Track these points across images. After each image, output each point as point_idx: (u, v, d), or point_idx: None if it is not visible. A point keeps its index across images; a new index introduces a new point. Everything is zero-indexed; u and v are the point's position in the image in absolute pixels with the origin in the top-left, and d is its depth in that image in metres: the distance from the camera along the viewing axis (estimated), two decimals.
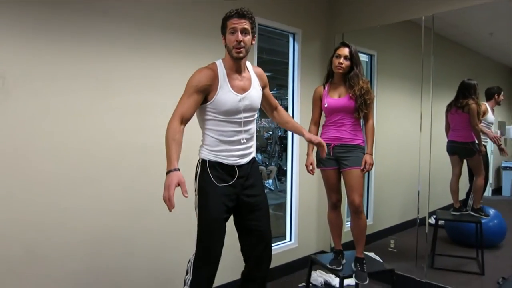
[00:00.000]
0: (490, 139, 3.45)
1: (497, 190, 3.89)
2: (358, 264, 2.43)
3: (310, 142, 2.21)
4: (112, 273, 2.47)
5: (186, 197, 1.63)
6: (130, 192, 2.53)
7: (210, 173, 1.85)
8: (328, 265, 2.47)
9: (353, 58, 2.41)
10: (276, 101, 2.24)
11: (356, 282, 2.81)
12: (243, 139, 1.90)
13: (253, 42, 1.90)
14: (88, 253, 2.36)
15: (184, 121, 1.79)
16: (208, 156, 1.88)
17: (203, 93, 1.81)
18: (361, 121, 2.53)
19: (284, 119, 2.25)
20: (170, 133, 1.75)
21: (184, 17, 2.74)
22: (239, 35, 1.79)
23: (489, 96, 3.50)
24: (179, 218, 2.65)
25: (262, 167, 6.60)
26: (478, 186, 3.48)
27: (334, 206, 2.56)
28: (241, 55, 1.83)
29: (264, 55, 6.21)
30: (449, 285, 3.05)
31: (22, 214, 2.11)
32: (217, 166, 1.87)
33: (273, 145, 7.23)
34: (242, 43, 1.80)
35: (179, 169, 1.68)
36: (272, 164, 6.96)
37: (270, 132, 7.73)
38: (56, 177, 2.22)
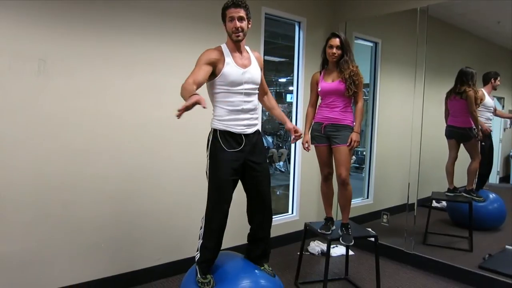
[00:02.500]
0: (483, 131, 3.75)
1: (505, 178, 4.19)
2: (344, 228, 2.86)
3: (288, 130, 2.58)
4: (132, 230, 2.98)
5: (204, 107, 1.82)
6: (150, 159, 3.02)
7: (220, 140, 2.23)
8: (318, 230, 2.90)
9: (343, 46, 2.79)
10: (267, 87, 2.61)
11: (345, 248, 3.27)
12: (248, 108, 2.27)
13: (249, 26, 2.28)
14: (112, 211, 2.87)
15: (196, 83, 2.02)
16: (219, 126, 2.26)
17: (211, 66, 2.18)
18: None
19: (272, 105, 2.62)
20: (186, 84, 1.98)
21: (196, 7, 3.17)
22: (237, 22, 2.19)
23: (486, 81, 3.78)
24: (188, 187, 3.17)
25: (273, 150, 7.01)
26: (472, 169, 3.81)
27: (326, 178, 2.98)
28: (240, 38, 2.23)
29: (279, 41, 6.52)
30: (436, 258, 3.41)
31: (59, 177, 2.63)
32: (226, 134, 2.25)
33: (285, 130, 7.64)
34: (240, 29, 2.20)
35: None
36: (284, 147, 7.37)
37: None
38: (86, 146, 2.73)
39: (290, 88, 10.56)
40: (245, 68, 2.27)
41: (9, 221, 2.45)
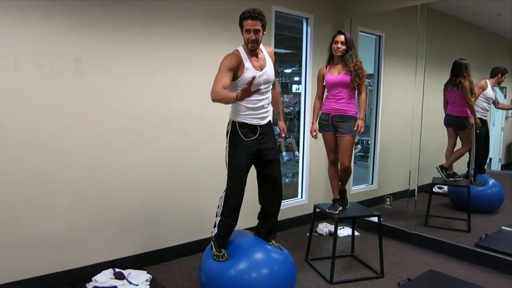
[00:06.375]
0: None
1: (507, 165, 4.52)
2: (340, 195, 3.35)
3: (278, 127, 2.98)
4: (158, 213, 3.37)
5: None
6: (172, 150, 3.40)
7: (239, 130, 2.57)
8: (327, 210, 3.28)
9: (348, 42, 3.14)
10: (275, 79, 2.88)
11: (351, 229, 3.63)
12: (264, 104, 2.60)
13: (264, 33, 2.55)
14: (140, 196, 3.26)
15: (224, 87, 2.35)
16: (237, 118, 2.59)
17: (233, 71, 2.48)
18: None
19: (275, 99, 2.89)
20: (218, 89, 2.33)
21: (215, 8, 3.51)
22: (253, 35, 2.47)
23: (493, 74, 4.09)
24: (206, 176, 3.54)
25: (281, 140, 7.34)
26: (458, 152, 4.19)
27: (332, 163, 3.36)
28: (255, 48, 2.53)
29: (285, 33, 6.83)
30: (435, 237, 3.76)
31: (94, 165, 3.01)
32: (244, 125, 2.58)
33: (293, 120, 7.99)
34: (255, 40, 2.48)
35: None
36: (292, 137, 7.71)
37: (291, 108, 8.49)
38: (116, 137, 3.10)
39: (296, 78, 10.89)
40: (262, 70, 2.57)
41: (52, 206, 2.84)
